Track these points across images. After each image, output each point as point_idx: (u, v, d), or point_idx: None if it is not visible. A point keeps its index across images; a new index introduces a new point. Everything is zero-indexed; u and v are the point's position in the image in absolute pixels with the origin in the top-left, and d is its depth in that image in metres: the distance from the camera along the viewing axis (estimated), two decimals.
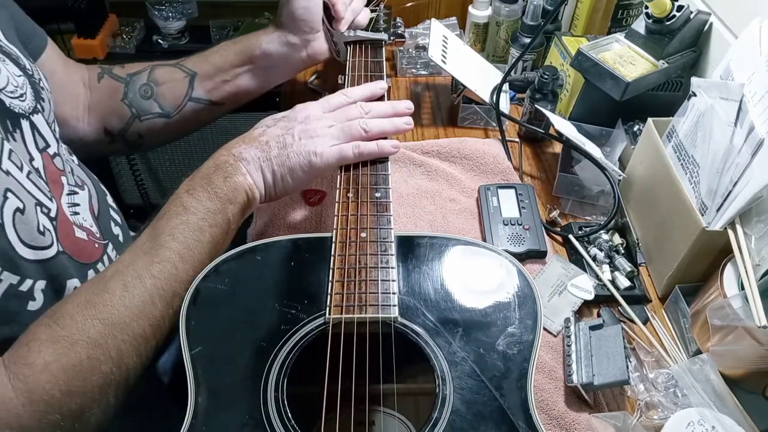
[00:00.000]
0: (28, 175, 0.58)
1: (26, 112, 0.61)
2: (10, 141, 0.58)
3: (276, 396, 0.52)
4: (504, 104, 0.96)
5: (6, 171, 0.55)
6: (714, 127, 0.67)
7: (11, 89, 0.60)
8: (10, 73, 0.61)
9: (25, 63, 0.66)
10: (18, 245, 0.54)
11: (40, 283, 0.57)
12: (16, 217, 0.54)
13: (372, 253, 0.61)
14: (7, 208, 0.54)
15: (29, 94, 0.63)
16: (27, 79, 0.63)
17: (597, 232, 0.81)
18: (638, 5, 1.03)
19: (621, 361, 0.63)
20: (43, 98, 0.66)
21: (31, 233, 0.56)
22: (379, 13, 0.98)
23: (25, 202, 0.56)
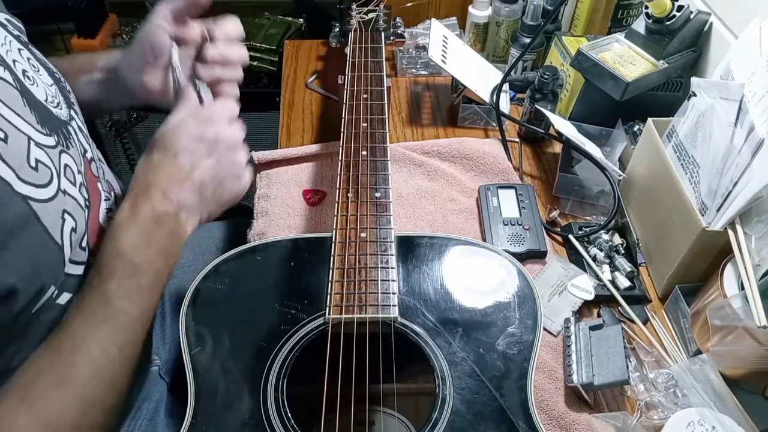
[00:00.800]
0: (80, 189, 0.57)
1: (67, 120, 0.61)
2: (69, 149, 0.57)
3: (276, 396, 0.52)
4: (504, 104, 0.96)
5: (64, 190, 0.54)
6: (714, 127, 0.67)
7: (51, 99, 0.59)
8: (44, 83, 0.59)
9: (51, 67, 0.64)
10: (69, 265, 0.54)
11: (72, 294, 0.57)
12: (72, 237, 0.54)
13: (372, 253, 0.61)
14: (66, 228, 0.53)
15: (62, 102, 0.62)
16: (57, 85, 0.62)
17: (597, 232, 0.81)
18: (638, 5, 1.03)
19: (621, 361, 0.63)
20: (73, 102, 0.65)
21: (77, 250, 0.56)
22: (379, 13, 0.98)
23: (78, 220, 0.55)
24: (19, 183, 0.49)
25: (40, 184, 0.52)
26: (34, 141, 0.52)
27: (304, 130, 1.00)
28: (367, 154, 0.71)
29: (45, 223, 0.51)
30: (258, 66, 1.49)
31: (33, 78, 0.58)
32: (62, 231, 0.53)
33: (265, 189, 0.88)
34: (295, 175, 0.89)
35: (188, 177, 0.59)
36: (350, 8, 0.99)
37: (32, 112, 0.54)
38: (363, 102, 0.79)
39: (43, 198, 0.51)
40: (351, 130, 0.74)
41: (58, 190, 0.53)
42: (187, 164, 0.60)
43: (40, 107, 0.56)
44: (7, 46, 0.56)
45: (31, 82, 0.57)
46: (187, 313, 0.57)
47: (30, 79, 0.57)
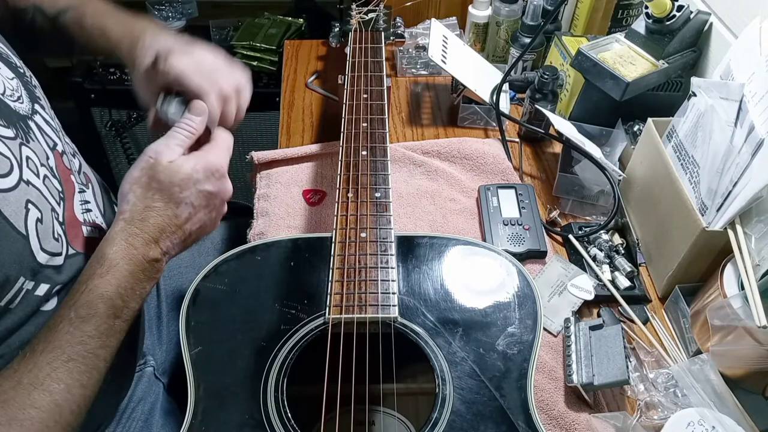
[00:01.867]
0: (44, 181, 0.58)
1: (28, 114, 0.61)
2: (30, 143, 0.58)
3: (276, 396, 0.52)
4: (504, 104, 0.96)
5: (27, 181, 0.54)
6: (714, 127, 0.67)
7: (9, 93, 0.59)
8: (4, 77, 0.60)
9: (15, 61, 0.65)
10: (39, 254, 0.55)
11: (57, 287, 0.57)
12: (38, 227, 0.54)
13: (372, 253, 0.61)
14: (30, 219, 0.54)
15: (24, 96, 0.62)
16: (19, 80, 0.62)
17: (597, 232, 0.81)
18: (638, 5, 1.03)
19: (621, 361, 0.63)
20: (38, 96, 0.65)
21: (48, 240, 0.56)
22: (379, 13, 0.98)
23: (42, 210, 0.56)
24: None
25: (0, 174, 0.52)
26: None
27: (304, 130, 1.00)
28: (367, 154, 0.71)
29: (5, 213, 0.51)
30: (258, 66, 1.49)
31: None
32: (26, 221, 0.53)
33: (265, 189, 0.88)
34: (295, 175, 0.89)
35: (181, 228, 0.61)
36: (350, 8, 0.99)
37: None
38: (363, 102, 0.79)
39: (2, 188, 0.52)
40: (351, 130, 0.74)
41: (20, 181, 0.53)
42: (185, 216, 0.61)
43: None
44: None
45: None
46: (187, 313, 0.57)
47: None
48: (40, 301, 0.56)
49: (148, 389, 0.73)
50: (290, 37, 1.52)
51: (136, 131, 1.56)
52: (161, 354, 0.78)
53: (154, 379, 0.75)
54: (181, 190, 0.61)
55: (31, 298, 0.55)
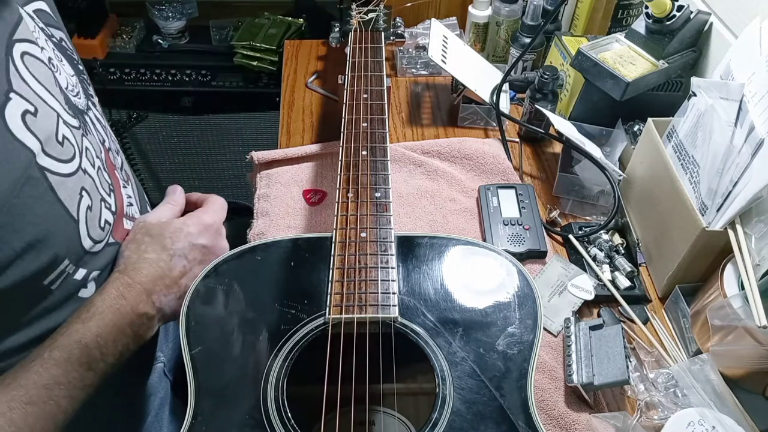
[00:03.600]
0: (98, 172, 0.60)
1: (84, 109, 0.63)
2: (88, 135, 0.60)
3: (276, 396, 0.52)
4: (504, 104, 0.96)
5: (84, 169, 0.56)
6: (714, 127, 0.67)
7: (71, 88, 0.61)
8: (66, 73, 0.61)
9: (76, 58, 0.66)
10: (85, 239, 0.56)
11: (94, 273, 0.59)
12: (87, 214, 0.56)
13: (372, 253, 0.61)
14: (83, 205, 0.55)
15: (81, 92, 0.64)
16: (78, 77, 0.64)
17: (597, 232, 0.81)
18: (638, 5, 1.03)
19: (621, 361, 0.63)
20: (91, 94, 0.67)
21: (95, 228, 0.57)
22: (379, 13, 0.98)
23: (93, 199, 0.57)
24: (42, 156, 0.51)
25: (63, 159, 0.53)
26: (62, 119, 0.55)
27: (304, 130, 1.00)
28: (367, 154, 0.71)
29: (60, 196, 0.52)
30: (258, 66, 1.49)
31: (57, 66, 0.59)
32: (79, 206, 0.55)
33: (265, 189, 0.88)
34: (295, 175, 0.89)
35: (176, 282, 0.60)
36: (350, 8, 0.99)
37: (60, 93, 0.57)
38: (363, 102, 0.79)
39: (63, 172, 0.53)
40: (351, 130, 0.74)
41: (79, 168, 0.55)
42: (179, 269, 0.61)
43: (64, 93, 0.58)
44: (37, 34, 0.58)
45: (56, 69, 0.59)
46: (187, 313, 0.57)
47: (54, 66, 0.59)
48: (78, 285, 0.57)
49: (158, 385, 0.74)
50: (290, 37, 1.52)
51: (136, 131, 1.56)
52: (168, 351, 0.78)
53: (163, 376, 0.76)
54: (173, 242, 0.61)
55: (70, 281, 0.56)
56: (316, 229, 0.82)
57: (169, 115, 1.54)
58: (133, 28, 1.58)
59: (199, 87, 1.49)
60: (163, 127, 1.57)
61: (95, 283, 0.59)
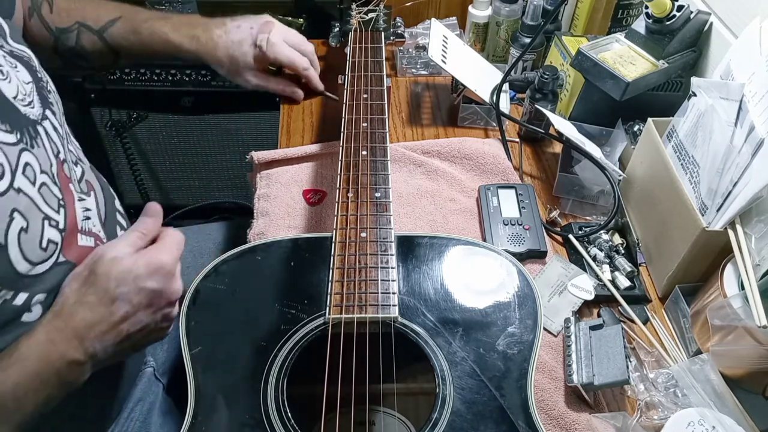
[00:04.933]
0: (40, 189, 0.56)
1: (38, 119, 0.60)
2: (34, 148, 0.56)
3: (276, 396, 0.52)
4: (504, 104, 0.96)
5: (18, 189, 0.53)
6: (714, 127, 0.67)
7: (21, 97, 0.58)
8: (20, 81, 0.59)
9: (35, 65, 0.64)
10: (19, 263, 0.53)
11: (39, 296, 0.56)
12: (21, 237, 0.52)
13: (372, 253, 0.61)
14: (13, 228, 0.52)
15: (36, 101, 0.61)
16: (35, 84, 0.61)
17: (597, 232, 0.81)
18: (638, 5, 1.03)
19: (621, 361, 0.63)
20: (51, 102, 0.64)
21: (34, 250, 0.54)
22: (379, 13, 0.98)
23: (29, 220, 0.54)
24: None
25: None
26: None
27: (304, 130, 1.00)
28: (367, 154, 0.71)
29: None
30: None
31: (7, 73, 0.57)
32: (7, 230, 0.51)
33: (265, 189, 0.88)
34: (295, 175, 0.89)
35: (115, 327, 0.56)
36: (350, 8, 0.99)
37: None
38: (363, 102, 0.79)
39: None
40: (351, 130, 0.74)
41: (10, 188, 0.52)
42: (121, 314, 0.57)
43: (6, 104, 0.55)
44: None
45: (4, 77, 0.56)
46: (187, 313, 0.57)
47: (3, 74, 0.56)
48: (19, 311, 0.54)
49: (147, 389, 0.73)
50: None
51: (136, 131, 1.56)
52: (162, 354, 0.78)
53: (154, 380, 0.75)
54: (118, 285, 0.57)
55: (8, 307, 0.53)
56: (316, 229, 0.82)
57: (169, 115, 1.54)
58: None
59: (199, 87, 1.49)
60: (163, 127, 1.57)
61: (41, 306, 0.56)
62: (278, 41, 0.92)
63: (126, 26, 0.85)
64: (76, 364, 0.54)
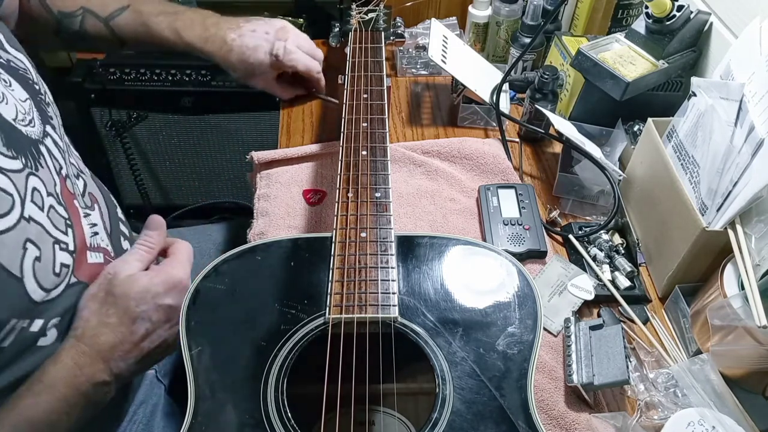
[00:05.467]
0: (48, 213, 0.55)
1: (39, 138, 0.58)
2: (39, 170, 0.55)
3: (276, 396, 0.52)
4: (504, 104, 0.96)
5: (28, 218, 0.52)
6: (714, 127, 0.67)
7: (21, 117, 0.56)
8: (16, 99, 0.57)
9: (32, 76, 0.62)
10: (35, 293, 0.52)
11: (54, 320, 0.55)
12: (35, 266, 0.52)
13: (372, 253, 0.61)
14: (27, 259, 0.51)
15: (36, 118, 0.59)
16: (32, 99, 0.60)
17: (597, 232, 0.81)
18: (638, 5, 1.03)
19: (621, 361, 0.63)
20: (50, 116, 0.63)
21: (48, 277, 0.54)
22: (379, 13, 0.98)
23: (41, 247, 0.53)
24: None
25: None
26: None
27: (304, 130, 1.00)
28: (367, 153, 0.71)
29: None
30: None
31: (3, 95, 0.55)
32: (22, 262, 0.50)
33: (265, 189, 0.88)
34: (295, 175, 0.89)
35: (137, 345, 0.58)
36: (350, 8, 0.99)
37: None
38: (363, 102, 0.79)
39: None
40: (351, 130, 0.74)
41: (20, 218, 0.51)
42: (142, 332, 0.58)
43: (8, 128, 0.54)
44: None
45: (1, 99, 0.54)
46: (187, 314, 0.57)
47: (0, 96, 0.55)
48: (36, 336, 0.54)
49: (149, 392, 0.73)
50: None
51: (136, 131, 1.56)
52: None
53: (156, 382, 0.75)
54: (138, 304, 0.58)
55: (25, 334, 0.53)
56: (316, 229, 0.82)
57: (169, 115, 1.54)
58: None
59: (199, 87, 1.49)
60: (163, 127, 1.57)
61: (56, 329, 0.56)
62: (294, 49, 0.91)
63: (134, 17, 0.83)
64: (103, 385, 0.55)
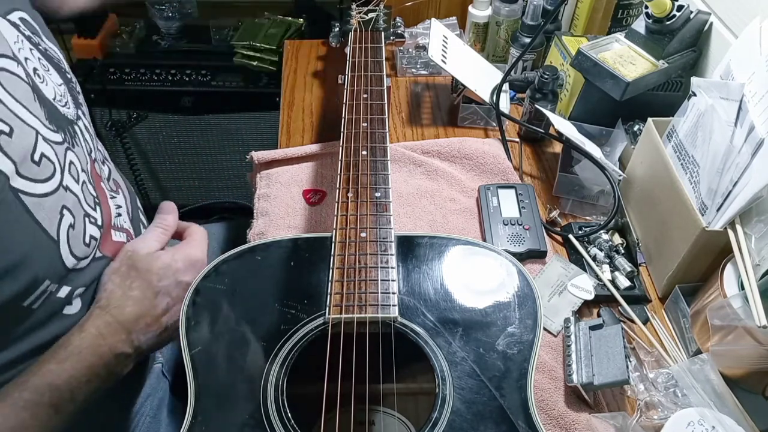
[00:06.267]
0: (82, 187, 0.58)
1: (74, 119, 0.61)
2: (75, 147, 0.58)
3: (276, 396, 0.52)
4: (504, 104, 0.96)
5: (66, 186, 0.55)
6: (714, 127, 0.67)
7: (59, 98, 0.60)
8: (54, 83, 0.60)
9: (65, 66, 0.65)
10: (68, 258, 0.55)
11: (79, 290, 0.57)
12: (69, 233, 0.54)
13: (372, 252, 0.61)
14: (63, 224, 0.54)
15: (70, 101, 0.62)
16: (66, 85, 0.63)
17: (597, 232, 0.81)
18: (638, 5, 1.03)
19: (621, 361, 0.63)
20: (81, 103, 0.66)
21: (79, 246, 0.56)
22: (379, 13, 0.98)
23: (76, 217, 0.56)
24: (16, 177, 0.49)
25: (40, 179, 0.52)
26: (41, 135, 0.53)
27: (304, 130, 1.00)
28: (367, 153, 0.71)
29: (38, 217, 0.51)
30: (258, 66, 1.49)
31: (43, 76, 0.58)
32: (59, 226, 0.53)
33: (265, 189, 0.88)
34: (295, 175, 0.89)
35: (158, 320, 0.60)
36: (350, 8, 0.99)
37: (42, 108, 0.55)
38: (363, 102, 0.79)
39: (39, 192, 0.52)
40: (351, 130, 0.74)
41: (60, 186, 0.54)
42: (163, 306, 0.60)
43: (49, 104, 0.57)
44: (20, 44, 0.57)
45: (41, 80, 0.57)
46: (187, 313, 0.57)
47: (40, 77, 0.57)
48: (62, 303, 0.56)
49: (156, 385, 0.74)
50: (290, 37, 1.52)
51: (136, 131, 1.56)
52: (168, 352, 0.78)
53: (162, 377, 0.76)
54: (160, 279, 0.60)
55: (53, 299, 0.55)
56: (316, 229, 0.82)
57: (169, 115, 1.54)
58: (133, 28, 1.58)
59: (199, 87, 1.49)
60: (163, 127, 1.57)
61: (80, 300, 0.58)
62: None
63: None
64: (124, 357, 0.57)
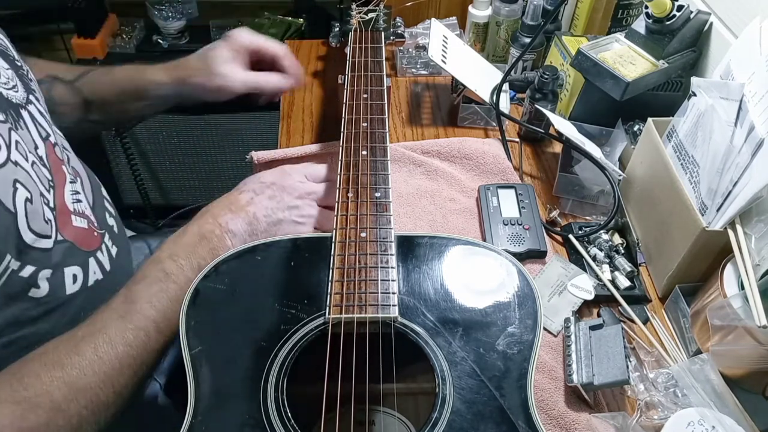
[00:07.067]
0: (32, 166, 0.59)
1: (22, 103, 0.62)
2: (18, 130, 0.59)
3: (276, 396, 0.52)
4: (504, 104, 0.96)
5: (15, 162, 0.56)
6: (714, 127, 0.67)
7: (4, 81, 0.61)
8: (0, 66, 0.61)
9: (13, 54, 0.66)
10: (26, 233, 0.55)
11: (45, 272, 0.58)
12: (27, 206, 0.55)
13: (372, 252, 0.61)
14: (19, 197, 0.55)
15: (20, 86, 0.63)
16: (15, 71, 0.64)
17: (597, 232, 0.81)
18: (638, 5, 1.03)
19: (621, 361, 0.63)
20: (33, 89, 0.66)
21: (38, 222, 0.57)
22: (379, 13, 0.98)
23: (32, 192, 0.57)
24: None
25: None
26: None
27: (304, 130, 1.00)
28: (367, 153, 0.71)
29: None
30: None
31: None
32: (14, 198, 0.54)
33: None
34: None
35: (242, 209, 0.68)
36: (350, 8, 0.99)
37: None
38: (363, 102, 0.79)
39: None
40: (351, 130, 0.74)
41: (8, 160, 0.55)
42: (246, 198, 0.69)
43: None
44: None
45: None
46: (187, 313, 0.57)
47: None
48: (25, 284, 0.56)
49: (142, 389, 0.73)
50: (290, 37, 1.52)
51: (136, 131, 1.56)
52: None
53: (151, 379, 0.75)
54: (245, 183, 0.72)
55: (15, 278, 0.55)
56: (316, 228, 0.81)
57: (169, 115, 1.54)
58: (133, 28, 1.58)
59: None
60: (163, 127, 1.57)
61: (48, 283, 0.58)
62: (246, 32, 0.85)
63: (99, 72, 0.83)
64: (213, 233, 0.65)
